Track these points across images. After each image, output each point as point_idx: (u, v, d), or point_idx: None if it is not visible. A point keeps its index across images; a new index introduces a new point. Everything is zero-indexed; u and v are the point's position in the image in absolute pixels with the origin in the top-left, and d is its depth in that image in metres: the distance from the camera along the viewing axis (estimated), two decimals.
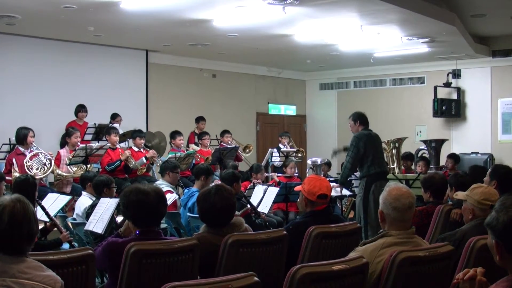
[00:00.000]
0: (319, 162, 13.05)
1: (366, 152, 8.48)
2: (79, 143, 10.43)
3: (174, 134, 12.00)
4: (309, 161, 13.44)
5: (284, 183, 9.60)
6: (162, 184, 8.68)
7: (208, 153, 12.00)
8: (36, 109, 12.49)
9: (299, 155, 13.76)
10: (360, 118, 8.79)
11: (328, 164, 13.15)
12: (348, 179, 9.41)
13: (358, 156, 8.47)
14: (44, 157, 9.67)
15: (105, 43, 13.45)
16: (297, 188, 5.41)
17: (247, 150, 13.31)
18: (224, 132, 13.19)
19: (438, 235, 5.33)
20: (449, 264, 4.01)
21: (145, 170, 10.79)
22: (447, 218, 5.68)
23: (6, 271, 2.96)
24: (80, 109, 12.16)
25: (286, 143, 14.08)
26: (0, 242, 3.01)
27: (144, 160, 10.74)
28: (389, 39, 12.67)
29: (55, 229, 6.50)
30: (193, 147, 12.41)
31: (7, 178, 8.96)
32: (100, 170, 10.52)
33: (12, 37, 12.17)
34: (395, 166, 12.35)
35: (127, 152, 10.63)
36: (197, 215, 4.99)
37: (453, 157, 11.80)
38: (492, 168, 6.87)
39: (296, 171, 11.75)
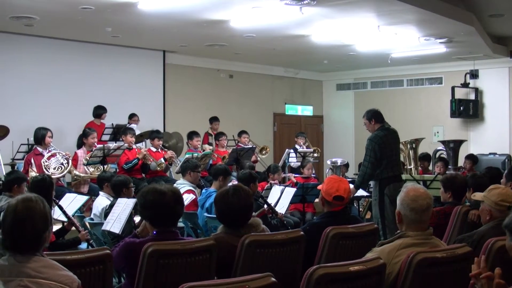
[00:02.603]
0: (339, 163, 13.02)
1: (381, 155, 8.27)
2: (96, 143, 10.48)
3: (191, 134, 11.98)
4: (328, 162, 13.41)
5: (301, 184, 9.58)
6: (183, 183, 8.68)
7: (225, 154, 11.99)
8: (54, 109, 12.56)
9: (315, 155, 13.73)
10: (375, 116, 8.47)
11: (346, 166, 13.12)
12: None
13: (377, 160, 8.26)
14: (62, 157, 9.73)
15: (122, 44, 13.51)
16: (319, 187, 5.40)
17: (264, 152, 13.29)
18: (242, 132, 13.17)
19: (456, 236, 5.31)
20: (467, 266, 3.98)
21: (164, 166, 10.83)
22: (464, 219, 5.65)
23: (23, 271, 2.97)
24: (102, 111, 12.19)
25: (302, 143, 14.06)
26: (6, 242, 3.04)
27: (163, 161, 10.77)
28: (406, 40, 12.63)
29: (73, 229, 6.54)
30: (205, 147, 12.35)
31: None
32: (117, 170, 10.55)
33: (30, 38, 12.25)
34: (412, 166, 12.30)
35: (144, 150, 10.66)
36: (215, 216, 5.00)
37: (471, 158, 11.75)
38: (509, 169, 6.84)
39: (313, 172, 11.73)
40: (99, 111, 12.19)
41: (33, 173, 9.21)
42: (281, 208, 8.41)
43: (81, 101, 12.79)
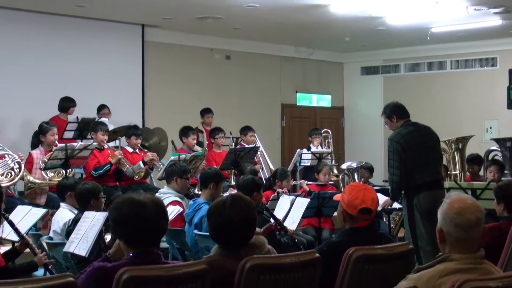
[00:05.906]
0: (355, 166, 12.91)
1: (406, 158, 8.25)
2: (56, 142, 10.45)
3: (187, 131, 11.86)
4: (344, 166, 13.33)
5: (316, 193, 9.59)
6: (168, 192, 8.67)
7: (222, 155, 11.93)
8: (1, 99, 12.54)
9: (335, 162, 13.68)
10: (395, 111, 8.53)
11: (369, 169, 12.97)
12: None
13: (402, 163, 8.23)
14: (12, 160, 9.72)
15: (90, 16, 13.50)
16: (336, 197, 5.40)
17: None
18: (246, 129, 13.07)
19: None
20: None
21: (143, 173, 10.81)
22: None
23: None
24: (70, 104, 12.10)
25: (317, 144, 13.96)
26: None
27: (142, 165, 10.74)
28: (450, 10, 12.61)
29: (27, 250, 6.53)
30: (196, 148, 12.31)
31: None
32: (85, 176, 10.55)
33: None
34: (457, 172, 12.28)
35: (118, 153, 10.63)
36: (207, 233, 5.00)
37: None
38: None
39: (331, 178, 11.73)
40: (66, 104, 12.10)
41: None
42: (292, 224, 8.42)
43: (38, 88, 12.77)
